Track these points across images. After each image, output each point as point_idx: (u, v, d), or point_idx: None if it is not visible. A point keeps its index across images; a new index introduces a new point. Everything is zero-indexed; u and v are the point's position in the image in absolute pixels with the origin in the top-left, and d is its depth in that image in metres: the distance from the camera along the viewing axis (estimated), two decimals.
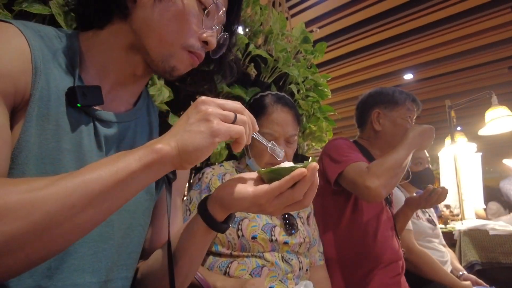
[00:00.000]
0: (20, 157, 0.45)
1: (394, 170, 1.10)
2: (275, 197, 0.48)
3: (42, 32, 0.53)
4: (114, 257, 0.55)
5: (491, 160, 3.75)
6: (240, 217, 0.94)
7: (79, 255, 0.50)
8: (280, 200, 0.49)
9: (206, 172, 1.02)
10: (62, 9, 0.84)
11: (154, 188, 0.64)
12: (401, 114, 1.38)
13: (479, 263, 2.04)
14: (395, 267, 1.25)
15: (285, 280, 0.92)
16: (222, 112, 0.46)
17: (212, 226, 0.55)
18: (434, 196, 1.30)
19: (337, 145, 1.28)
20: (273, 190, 0.48)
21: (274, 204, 0.49)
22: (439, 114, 5.41)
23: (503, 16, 3.14)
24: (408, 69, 4.29)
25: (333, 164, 1.22)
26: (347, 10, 3.14)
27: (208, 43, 0.59)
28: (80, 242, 0.50)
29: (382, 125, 1.41)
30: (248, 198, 0.50)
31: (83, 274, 0.50)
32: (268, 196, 0.48)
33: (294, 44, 1.67)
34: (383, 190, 1.07)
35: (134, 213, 0.59)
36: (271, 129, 1.01)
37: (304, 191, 0.48)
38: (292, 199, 0.48)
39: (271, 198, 0.48)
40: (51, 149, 0.48)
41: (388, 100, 1.41)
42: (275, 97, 1.07)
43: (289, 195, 0.48)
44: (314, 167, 0.47)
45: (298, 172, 0.47)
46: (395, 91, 1.41)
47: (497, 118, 2.48)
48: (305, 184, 0.47)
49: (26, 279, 0.45)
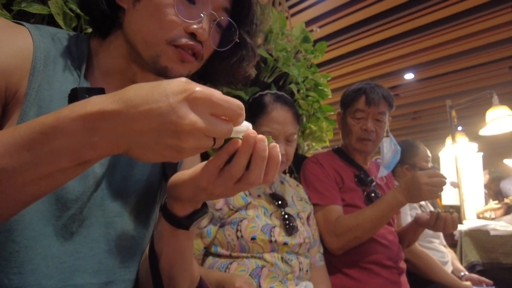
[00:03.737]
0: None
1: (359, 231, 1.13)
2: (216, 175, 0.42)
3: (55, 36, 0.54)
4: (115, 259, 0.54)
5: (492, 160, 3.74)
6: (239, 218, 0.93)
7: (80, 255, 0.50)
8: (223, 178, 0.41)
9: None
10: (61, 9, 0.84)
11: (158, 190, 0.63)
12: (350, 114, 1.37)
13: (480, 263, 2.03)
14: (395, 267, 1.24)
15: (285, 280, 0.91)
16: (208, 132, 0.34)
17: (172, 222, 0.51)
18: (440, 224, 1.19)
19: (314, 173, 1.30)
20: (208, 168, 0.42)
21: (220, 184, 0.42)
22: (440, 114, 5.40)
23: (503, 16, 3.13)
24: (409, 69, 4.28)
25: (312, 191, 1.25)
26: (347, 9, 3.13)
27: (196, 34, 0.54)
28: (82, 242, 0.50)
29: (341, 126, 1.44)
30: (189, 183, 0.45)
31: (83, 275, 0.50)
32: (208, 176, 0.42)
33: (294, 43, 1.67)
34: (340, 251, 1.17)
35: (137, 215, 0.58)
36: (271, 127, 1.01)
37: (242, 164, 0.40)
38: (232, 175, 0.40)
39: (211, 177, 0.42)
40: None
41: (343, 99, 1.42)
42: (274, 96, 1.07)
43: (227, 171, 0.40)
44: (249, 135, 0.38)
45: (230, 143, 0.39)
46: (353, 89, 1.39)
47: (498, 118, 2.47)
48: (241, 156, 0.39)
49: (28, 277, 0.45)
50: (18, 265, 0.44)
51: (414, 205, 1.88)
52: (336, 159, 1.40)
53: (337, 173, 1.32)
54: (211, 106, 0.34)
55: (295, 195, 1.16)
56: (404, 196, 1.11)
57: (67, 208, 0.49)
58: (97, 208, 0.52)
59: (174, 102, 0.32)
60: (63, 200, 0.48)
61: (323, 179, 1.27)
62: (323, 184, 1.26)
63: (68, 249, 0.49)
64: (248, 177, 0.41)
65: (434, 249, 1.81)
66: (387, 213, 1.13)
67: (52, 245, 0.47)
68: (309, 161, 1.37)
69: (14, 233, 0.44)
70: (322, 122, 1.71)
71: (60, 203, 0.48)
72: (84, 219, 0.51)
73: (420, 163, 1.91)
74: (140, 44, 0.54)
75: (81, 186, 0.50)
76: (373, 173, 1.42)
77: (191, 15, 0.53)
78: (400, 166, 1.88)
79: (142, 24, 0.53)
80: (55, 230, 0.48)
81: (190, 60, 0.56)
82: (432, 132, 6.81)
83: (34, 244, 0.45)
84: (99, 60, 0.58)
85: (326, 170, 1.31)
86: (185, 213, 0.51)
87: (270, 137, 0.42)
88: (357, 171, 1.37)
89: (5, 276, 0.43)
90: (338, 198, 1.25)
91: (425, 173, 1.10)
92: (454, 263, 1.87)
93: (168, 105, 0.31)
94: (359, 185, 1.33)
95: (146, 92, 0.32)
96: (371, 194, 1.31)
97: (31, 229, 0.45)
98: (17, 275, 0.44)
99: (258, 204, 0.99)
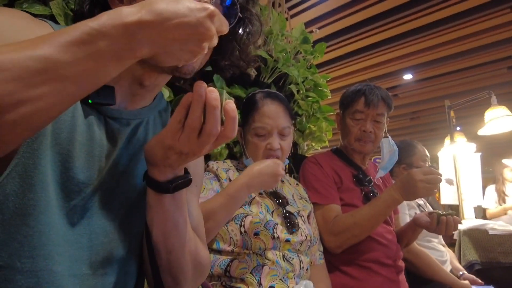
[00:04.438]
0: (35, 143, 0.45)
1: (356, 229, 1.14)
2: (179, 131, 0.45)
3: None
4: (113, 251, 0.55)
5: (491, 160, 3.74)
6: (243, 214, 0.94)
7: (78, 246, 0.50)
8: (185, 133, 0.44)
9: (211, 164, 1.05)
10: (62, 10, 0.84)
11: None
12: (349, 115, 1.37)
13: (478, 262, 2.04)
14: (394, 266, 1.25)
15: (286, 279, 0.92)
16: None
17: (154, 188, 0.52)
18: (442, 228, 1.17)
19: (313, 173, 1.31)
20: (170, 125, 0.45)
21: (183, 140, 0.45)
22: (438, 114, 5.41)
23: (503, 16, 3.15)
24: (408, 69, 4.30)
25: (311, 191, 1.26)
26: (347, 10, 3.14)
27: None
28: (81, 233, 0.51)
29: (340, 126, 1.45)
30: (156, 144, 0.48)
31: (81, 265, 0.50)
32: (171, 132, 0.45)
33: (294, 44, 1.68)
34: (339, 250, 1.18)
35: (137, 208, 0.59)
36: (263, 122, 1.03)
37: (197, 114, 0.43)
38: (191, 127, 0.44)
39: (175, 134, 0.45)
40: (63, 138, 0.48)
41: (342, 101, 1.43)
42: (265, 93, 1.10)
43: (187, 125, 0.44)
44: (198, 84, 0.43)
45: (184, 97, 0.44)
46: (352, 91, 1.39)
47: (496, 118, 2.48)
48: (194, 107, 0.43)
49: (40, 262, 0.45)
50: (31, 249, 0.45)
51: (413, 205, 1.89)
52: (335, 160, 1.41)
53: (336, 173, 1.33)
54: (219, 20, 0.42)
55: (296, 194, 1.17)
56: (400, 193, 1.12)
57: (70, 199, 0.49)
58: (98, 201, 0.53)
59: (201, 17, 0.39)
60: (67, 191, 0.49)
61: (322, 179, 1.28)
62: (322, 184, 1.27)
63: (69, 239, 0.49)
64: (206, 128, 0.44)
65: (432, 248, 1.82)
66: (383, 211, 1.14)
67: (58, 233, 0.48)
68: (308, 161, 1.38)
69: (30, 218, 0.45)
70: (321, 123, 1.72)
71: (63, 193, 0.49)
72: (86, 210, 0.51)
73: (417, 162, 1.92)
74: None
75: (86, 179, 0.51)
76: (372, 173, 1.43)
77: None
78: (398, 165, 1.88)
79: None
80: (59, 219, 0.48)
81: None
82: (430, 132, 6.83)
83: (48, 229, 0.46)
84: None
85: (325, 170, 1.32)
86: (165, 178, 0.52)
87: (225, 92, 0.46)
88: (355, 171, 1.38)
89: (18, 259, 0.44)
90: (336, 197, 1.26)
91: (420, 171, 1.10)
92: (452, 262, 1.88)
93: (196, 19, 0.39)
94: (357, 185, 1.34)
95: (173, 7, 0.38)
96: (369, 194, 1.31)
97: (46, 215, 0.46)
98: (29, 259, 0.45)
99: (261, 201, 1.01)
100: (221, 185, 0.98)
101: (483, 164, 3.04)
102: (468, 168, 2.92)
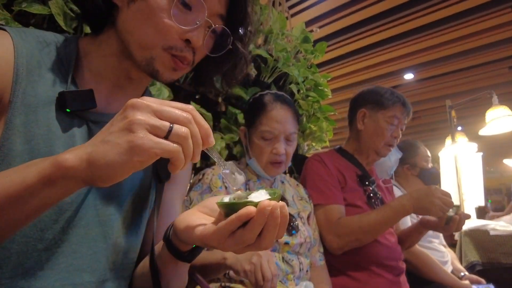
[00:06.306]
0: (2, 166, 0.45)
1: (361, 234, 1.13)
2: (227, 237, 0.40)
3: (42, 38, 0.53)
4: (112, 257, 0.55)
5: (492, 160, 3.74)
6: None
7: (78, 255, 0.50)
8: (235, 241, 0.40)
9: (206, 173, 1.01)
10: (61, 9, 0.84)
11: (150, 189, 0.63)
12: (385, 117, 1.33)
13: (479, 263, 2.03)
14: (395, 267, 1.25)
15: (285, 281, 0.92)
16: (152, 121, 0.36)
17: (175, 255, 0.51)
18: (452, 226, 1.15)
19: (317, 172, 1.29)
20: (220, 231, 0.40)
21: (230, 245, 0.40)
22: (439, 114, 5.40)
23: (503, 16, 3.14)
24: (409, 69, 4.29)
25: (315, 190, 1.25)
26: (347, 9, 3.13)
27: (191, 41, 0.53)
28: (80, 242, 0.50)
29: (365, 125, 1.38)
30: (197, 238, 0.43)
31: (82, 274, 0.50)
32: (218, 239, 0.40)
33: (294, 44, 1.67)
34: (340, 251, 1.16)
35: (132, 214, 0.59)
36: (271, 126, 1.01)
37: (255, 232, 0.39)
38: (244, 241, 0.39)
39: (222, 239, 0.40)
40: (43, 154, 0.48)
41: (376, 100, 1.37)
42: (274, 95, 1.08)
43: (239, 236, 0.39)
44: (265, 206, 0.37)
45: (244, 212, 0.38)
46: (387, 92, 1.36)
47: (497, 118, 2.47)
48: (255, 226, 0.38)
49: (19, 280, 0.45)
50: (9, 270, 0.45)
51: None
52: (339, 159, 1.39)
53: (340, 173, 1.32)
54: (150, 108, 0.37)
55: (296, 195, 1.16)
56: (412, 204, 1.10)
57: (63, 211, 0.49)
58: (91, 209, 0.52)
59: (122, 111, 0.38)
60: (59, 204, 0.48)
61: (326, 178, 1.27)
62: (326, 183, 1.25)
63: (66, 250, 0.49)
64: (261, 243, 0.40)
65: (433, 249, 1.81)
66: (391, 219, 1.12)
67: (49, 248, 0.48)
68: (312, 159, 1.36)
69: (5, 241, 0.45)
70: (322, 122, 1.71)
71: (57, 207, 0.48)
72: (80, 219, 0.51)
73: (420, 162, 1.91)
74: (133, 44, 0.54)
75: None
76: (374, 174, 1.43)
77: (187, 21, 0.53)
78: (401, 165, 1.88)
79: (136, 26, 0.53)
80: (54, 233, 0.48)
81: (182, 68, 0.57)
82: (431, 132, 6.82)
83: (26, 249, 0.46)
84: (90, 60, 0.57)
85: (330, 169, 1.30)
86: (186, 249, 0.51)
87: (279, 192, 0.42)
88: (359, 171, 1.37)
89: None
90: (340, 197, 1.25)
91: (440, 190, 1.10)
92: (453, 263, 1.88)
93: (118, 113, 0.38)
94: (360, 185, 1.34)
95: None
96: (371, 195, 1.31)
97: (22, 235, 0.46)
98: (8, 279, 0.45)
99: None
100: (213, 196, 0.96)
101: (485, 164, 3.03)
102: (469, 168, 2.91)
